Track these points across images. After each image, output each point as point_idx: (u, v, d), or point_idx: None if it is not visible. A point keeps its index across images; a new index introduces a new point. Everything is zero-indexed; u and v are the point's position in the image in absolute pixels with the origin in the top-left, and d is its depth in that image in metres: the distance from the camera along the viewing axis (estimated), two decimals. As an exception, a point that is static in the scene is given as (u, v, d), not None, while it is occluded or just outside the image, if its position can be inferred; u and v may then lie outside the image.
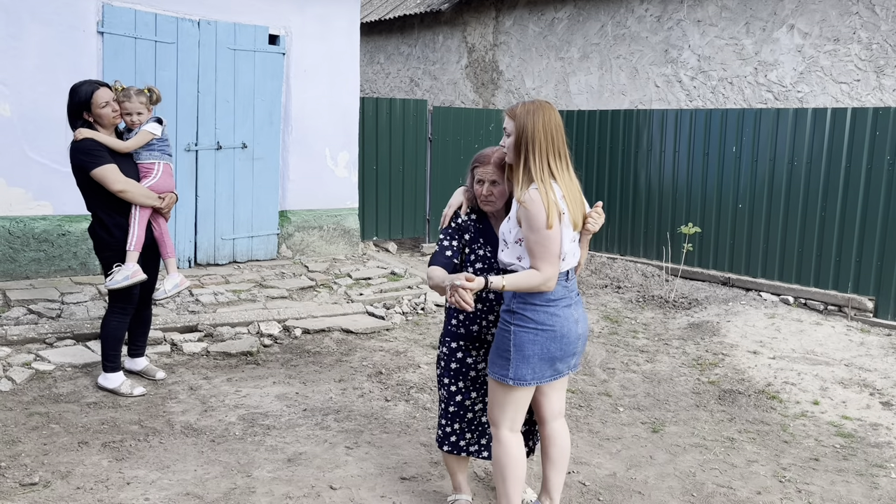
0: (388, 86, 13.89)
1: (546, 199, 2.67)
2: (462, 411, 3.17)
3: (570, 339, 2.86)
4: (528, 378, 2.83)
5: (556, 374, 2.91)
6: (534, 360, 2.81)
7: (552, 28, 10.72)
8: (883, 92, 7.51)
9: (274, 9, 7.32)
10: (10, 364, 4.72)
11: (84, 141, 4.18)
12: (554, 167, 2.75)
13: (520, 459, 2.95)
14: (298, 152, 7.66)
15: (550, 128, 2.74)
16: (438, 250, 3.05)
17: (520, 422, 2.96)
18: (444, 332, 3.21)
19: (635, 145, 8.53)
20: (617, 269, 8.19)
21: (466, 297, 2.60)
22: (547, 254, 2.70)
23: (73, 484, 3.39)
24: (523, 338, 2.80)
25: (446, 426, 3.19)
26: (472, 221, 3.08)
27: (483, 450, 3.26)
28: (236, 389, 4.66)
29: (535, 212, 2.68)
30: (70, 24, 6.13)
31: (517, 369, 2.82)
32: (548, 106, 2.78)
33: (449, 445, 3.20)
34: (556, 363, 2.88)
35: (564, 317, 2.83)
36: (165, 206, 4.41)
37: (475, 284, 2.63)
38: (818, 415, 4.68)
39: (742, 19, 8.56)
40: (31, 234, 6.14)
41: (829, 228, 6.95)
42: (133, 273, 4.24)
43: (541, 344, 2.81)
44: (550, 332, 2.81)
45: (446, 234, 3.08)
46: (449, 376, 3.16)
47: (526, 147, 2.74)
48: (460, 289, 2.60)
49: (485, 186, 2.96)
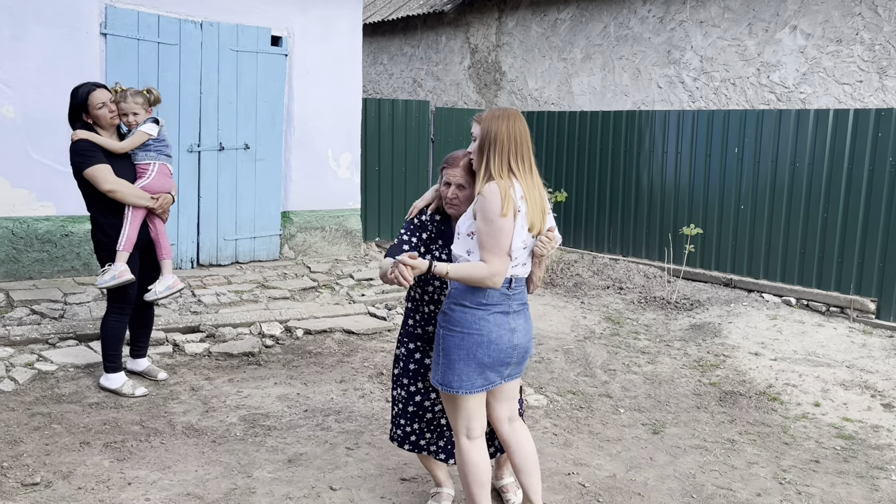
0: (391, 87, 13.90)
1: (504, 192, 2.69)
2: (421, 411, 3.18)
3: (500, 347, 2.80)
4: (455, 385, 2.79)
5: (486, 384, 2.84)
6: (459, 365, 2.77)
7: (555, 29, 10.72)
8: (886, 93, 7.50)
9: (276, 10, 7.34)
10: (12, 364, 4.74)
11: (79, 142, 4.21)
12: (515, 168, 2.77)
13: (479, 464, 2.90)
14: (301, 153, 7.68)
15: (514, 132, 2.78)
16: (396, 243, 3.05)
17: (477, 429, 2.91)
18: (402, 333, 3.23)
19: (638, 146, 8.52)
20: (619, 271, 8.19)
21: (405, 274, 2.58)
22: (496, 246, 2.70)
23: (75, 484, 3.41)
24: (450, 342, 2.79)
25: (406, 426, 3.20)
26: (433, 222, 3.08)
27: (440, 451, 3.25)
28: (238, 390, 4.67)
29: (490, 200, 2.68)
30: (73, 25, 6.15)
31: (444, 374, 2.81)
32: (515, 113, 2.83)
33: (410, 445, 3.22)
34: (486, 371, 2.81)
35: (495, 323, 2.79)
36: (159, 206, 4.41)
37: (418, 263, 2.62)
38: (819, 416, 4.67)
39: (745, 20, 8.55)
40: (35, 234, 6.16)
41: (832, 230, 6.94)
42: (120, 273, 4.25)
43: (466, 349, 2.77)
44: (477, 336, 2.76)
45: (408, 228, 3.08)
46: (408, 377, 3.17)
47: (488, 148, 2.77)
48: (401, 264, 2.59)
49: (450, 189, 2.95)
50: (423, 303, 3.13)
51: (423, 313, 3.14)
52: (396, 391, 3.23)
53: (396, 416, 3.23)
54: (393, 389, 3.27)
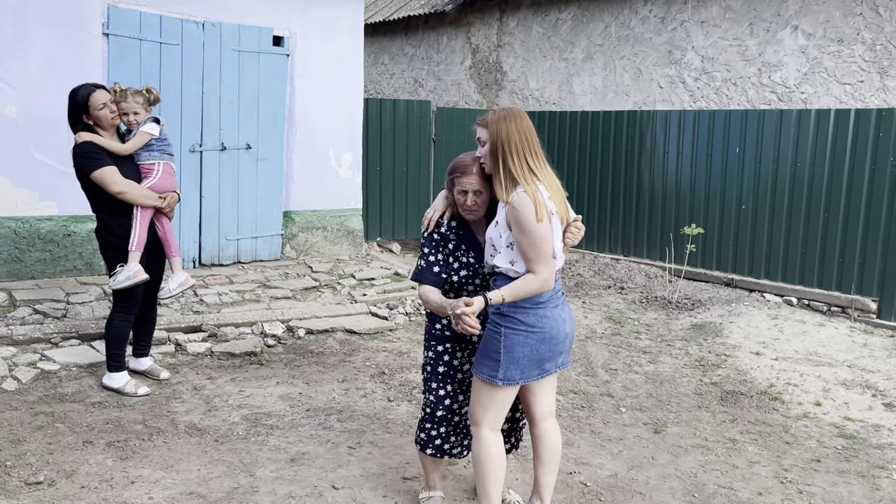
0: (392, 87, 13.91)
1: (534, 199, 2.71)
2: (450, 415, 3.16)
3: (558, 340, 2.88)
4: (517, 378, 2.85)
5: (543, 373, 2.93)
6: (523, 361, 2.83)
7: (556, 29, 10.72)
8: (887, 93, 7.50)
9: (278, 10, 7.35)
10: (15, 364, 4.75)
11: (83, 144, 4.21)
12: (533, 166, 2.80)
13: (500, 458, 2.95)
14: (302, 153, 7.69)
15: (524, 130, 2.80)
16: (426, 266, 3.01)
17: (501, 421, 2.96)
18: (429, 337, 3.17)
19: (639, 146, 8.53)
20: (620, 270, 8.20)
21: (471, 322, 2.67)
22: (541, 254, 2.72)
23: (78, 483, 3.42)
24: (514, 340, 2.81)
25: (431, 430, 3.17)
26: (452, 230, 3.05)
27: (464, 450, 3.27)
28: (240, 389, 4.68)
29: (525, 212, 2.70)
30: (75, 25, 6.16)
31: (507, 370, 2.83)
32: (519, 111, 2.85)
33: (433, 449, 3.18)
34: (545, 363, 2.90)
35: (553, 318, 2.85)
36: (167, 205, 4.43)
37: (475, 308, 2.68)
38: (820, 416, 4.68)
39: (746, 20, 8.56)
40: (37, 234, 6.18)
41: (833, 229, 6.94)
42: (135, 273, 4.27)
43: (531, 346, 2.82)
44: (540, 333, 2.83)
45: (430, 245, 3.04)
46: (437, 380, 3.13)
47: (503, 150, 2.78)
48: (464, 316, 2.66)
49: (468, 197, 2.92)
50: None
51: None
52: (425, 396, 3.19)
53: (423, 420, 3.19)
54: (423, 394, 3.23)
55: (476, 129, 2.90)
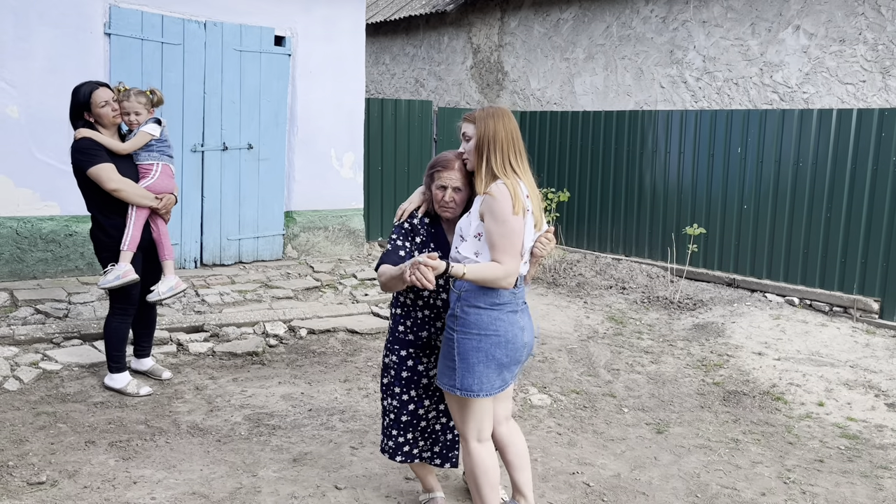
0: (394, 87, 13.91)
1: (513, 192, 2.70)
2: (416, 420, 3.09)
3: (516, 346, 2.80)
4: (475, 388, 2.76)
5: (503, 384, 2.83)
6: (479, 367, 2.74)
7: (557, 29, 10.72)
8: (889, 93, 7.49)
9: (280, 10, 7.35)
10: (17, 364, 4.75)
11: (82, 140, 4.19)
12: (516, 165, 2.79)
13: (492, 467, 2.91)
14: (304, 153, 7.69)
15: (510, 129, 2.80)
16: (391, 249, 2.96)
17: (487, 431, 2.90)
18: (392, 340, 3.09)
19: (640, 146, 8.52)
20: (622, 270, 8.19)
21: (428, 275, 2.48)
22: (510, 246, 2.69)
23: (80, 483, 3.42)
24: (466, 346, 2.74)
25: (398, 437, 3.09)
26: (424, 225, 3.01)
27: (435, 457, 3.19)
28: (242, 389, 4.68)
29: (501, 201, 2.68)
30: (77, 25, 6.16)
31: (463, 379, 2.76)
32: (506, 111, 2.85)
33: (403, 456, 3.11)
34: (503, 371, 2.81)
35: (509, 322, 2.78)
36: (163, 206, 4.41)
37: (437, 264, 2.53)
38: (823, 416, 4.67)
39: (747, 20, 8.55)
40: (39, 234, 6.17)
41: (835, 229, 6.93)
42: (124, 273, 4.24)
43: (485, 351, 2.74)
44: (495, 337, 2.75)
45: (399, 233, 3.00)
46: (400, 385, 3.05)
47: (487, 147, 2.77)
48: (422, 265, 2.49)
49: (447, 192, 2.88)
50: (415, 308, 3.03)
51: (416, 318, 3.03)
52: (387, 401, 3.10)
53: (388, 426, 3.11)
54: (383, 399, 3.14)
55: (461, 125, 2.87)
